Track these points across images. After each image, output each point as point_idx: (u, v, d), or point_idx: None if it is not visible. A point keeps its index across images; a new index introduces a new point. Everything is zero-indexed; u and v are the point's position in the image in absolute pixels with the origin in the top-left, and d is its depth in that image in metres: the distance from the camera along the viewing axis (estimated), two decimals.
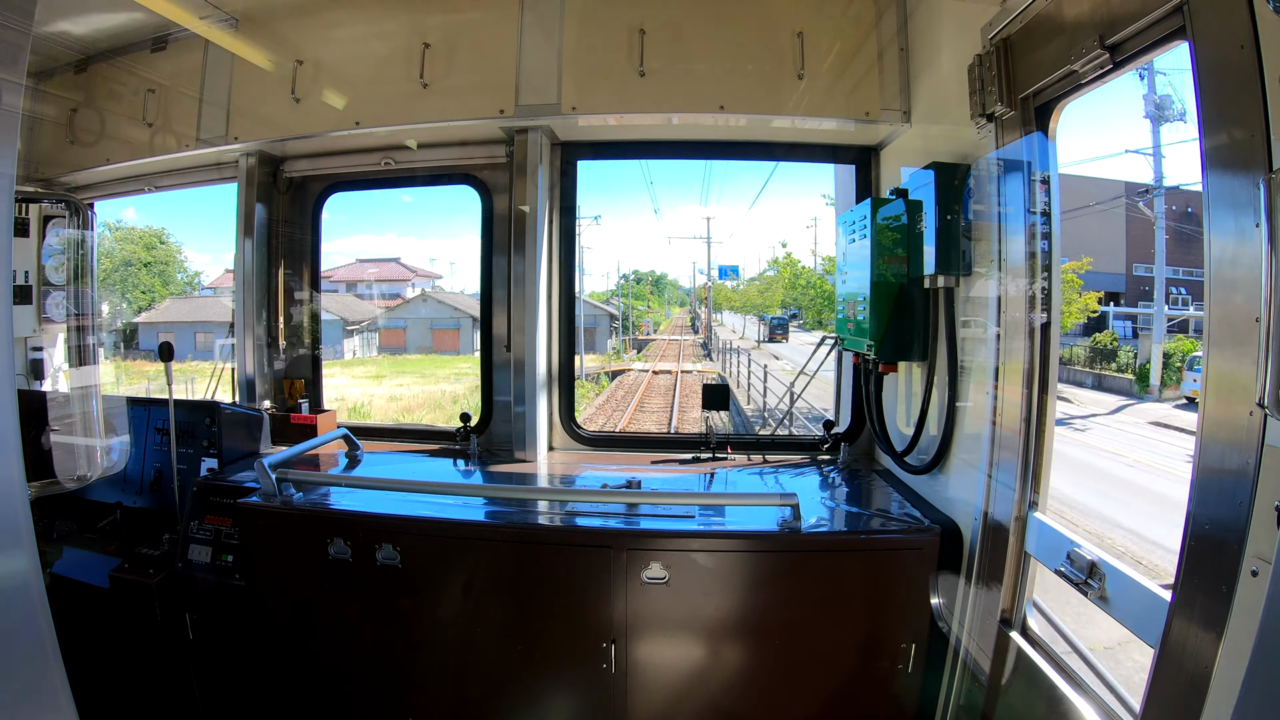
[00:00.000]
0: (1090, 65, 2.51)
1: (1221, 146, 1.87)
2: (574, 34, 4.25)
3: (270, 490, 3.65)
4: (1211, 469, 1.90)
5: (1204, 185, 1.92)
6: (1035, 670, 2.80)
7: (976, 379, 3.31)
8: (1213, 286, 1.91)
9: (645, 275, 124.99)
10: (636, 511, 3.52)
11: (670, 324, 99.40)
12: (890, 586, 3.37)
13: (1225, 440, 1.86)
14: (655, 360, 49.37)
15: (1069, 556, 2.63)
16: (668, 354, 55.09)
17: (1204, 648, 1.89)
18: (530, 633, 3.49)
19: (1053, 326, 2.90)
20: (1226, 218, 1.85)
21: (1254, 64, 1.75)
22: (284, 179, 5.12)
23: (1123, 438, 15.38)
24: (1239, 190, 1.80)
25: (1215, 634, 1.84)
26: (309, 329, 5.33)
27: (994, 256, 3.10)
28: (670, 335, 74.99)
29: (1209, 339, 1.93)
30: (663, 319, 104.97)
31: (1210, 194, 1.90)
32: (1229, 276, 1.85)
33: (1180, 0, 2.03)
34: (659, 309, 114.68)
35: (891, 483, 4.08)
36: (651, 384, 35.14)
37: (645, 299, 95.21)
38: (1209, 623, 1.88)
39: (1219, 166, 1.88)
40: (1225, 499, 1.84)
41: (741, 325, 70.95)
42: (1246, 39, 1.77)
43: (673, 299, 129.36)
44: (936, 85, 3.74)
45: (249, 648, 3.84)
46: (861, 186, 4.72)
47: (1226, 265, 1.86)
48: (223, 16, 4.52)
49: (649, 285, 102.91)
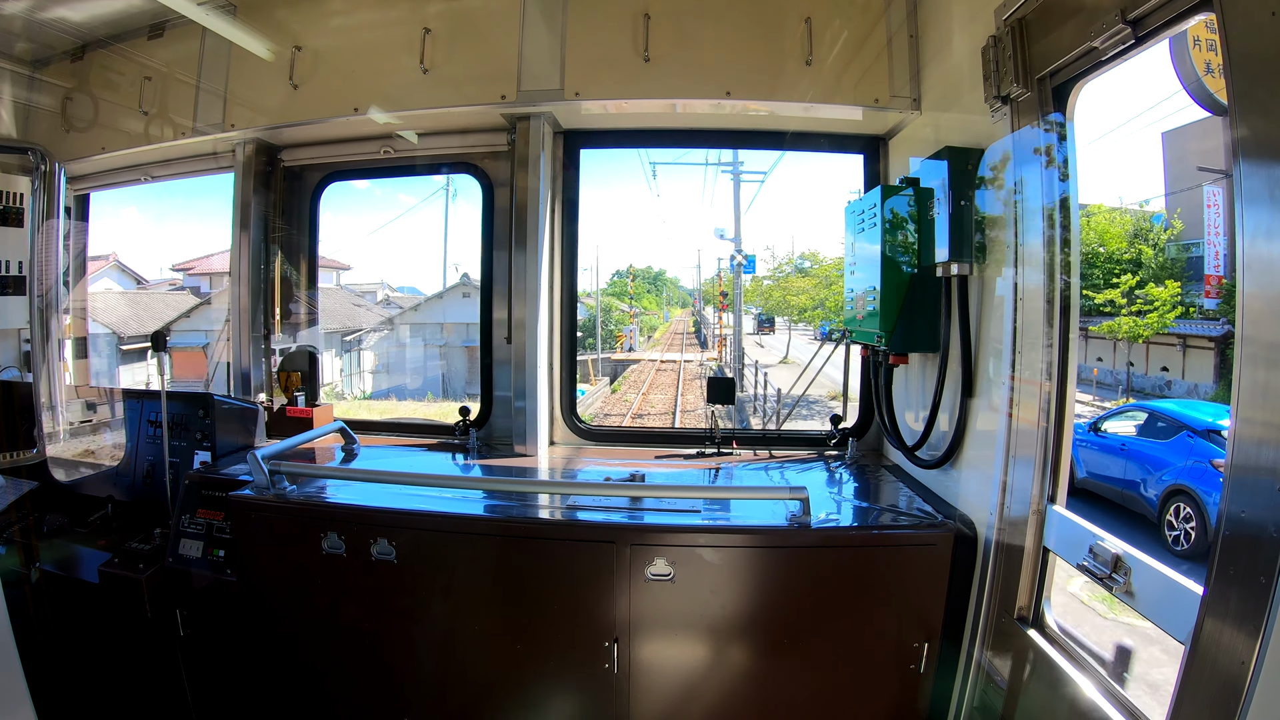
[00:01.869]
0: (1112, 41, 2.41)
1: (1257, 128, 1.78)
2: (577, 19, 4.20)
3: (263, 483, 3.58)
4: (1247, 462, 1.81)
5: (1236, 173, 1.83)
6: (1056, 670, 2.70)
7: (992, 370, 3.22)
8: (1245, 279, 1.83)
9: (641, 272, 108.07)
10: (640, 506, 3.44)
11: (668, 330, 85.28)
12: (903, 584, 3.27)
13: (1259, 434, 1.78)
14: (632, 397, 32.78)
15: (1091, 550, 2.54)
16: (658, 386, 36.71)
17: (1240, 644, 1.80)
18: (530, 631, 3.40)
19: (1072, 314, 2.82)
20: (1262, 209, 1.76)
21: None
22: (281, 168, 5.07)
23: None
24: (1276, 167, 1.71)
25: (1253, 628, 1.75)
26: (306, 321, 5.26)
27: (1010, 243, 3.01)
28: (663, 354, 52.88)
29: (1242, 329, 1.85)
30: (659, 321, 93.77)
31: (1244, 182, 1.81)
32: (1266, 268, 1.77)
33: None
34: (655, 309, 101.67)
35: (901, 478, 4.00)
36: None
37: (629, 296, 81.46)
38: (1245, 617, 1.79)
39: (1254, 151, 1.79)
40: (1261, 489, 1.75)
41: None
42: (1278, 4, 1.67)
43: (673, 298, 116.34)
44: (948, 71, 3.66)
45: (241, 644, 3.76)
46: (869, 177, 4.65)
47: (1262, 257, 1.77)
48: (221, 3, 4.46)
49: (630, 279, 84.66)
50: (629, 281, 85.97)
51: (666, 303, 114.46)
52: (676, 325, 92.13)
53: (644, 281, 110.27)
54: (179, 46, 4.80)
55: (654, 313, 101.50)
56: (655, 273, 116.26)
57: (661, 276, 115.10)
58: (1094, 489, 10.33)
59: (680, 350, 55.08)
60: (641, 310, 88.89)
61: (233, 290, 4.98)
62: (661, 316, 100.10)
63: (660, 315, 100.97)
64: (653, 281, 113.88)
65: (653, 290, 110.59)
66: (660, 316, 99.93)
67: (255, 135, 4.82)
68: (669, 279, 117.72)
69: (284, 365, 5.01)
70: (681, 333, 77.03)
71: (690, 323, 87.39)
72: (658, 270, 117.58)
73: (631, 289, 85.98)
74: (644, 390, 35.08)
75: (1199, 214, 19.28)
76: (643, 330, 79.54)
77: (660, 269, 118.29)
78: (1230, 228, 5.96)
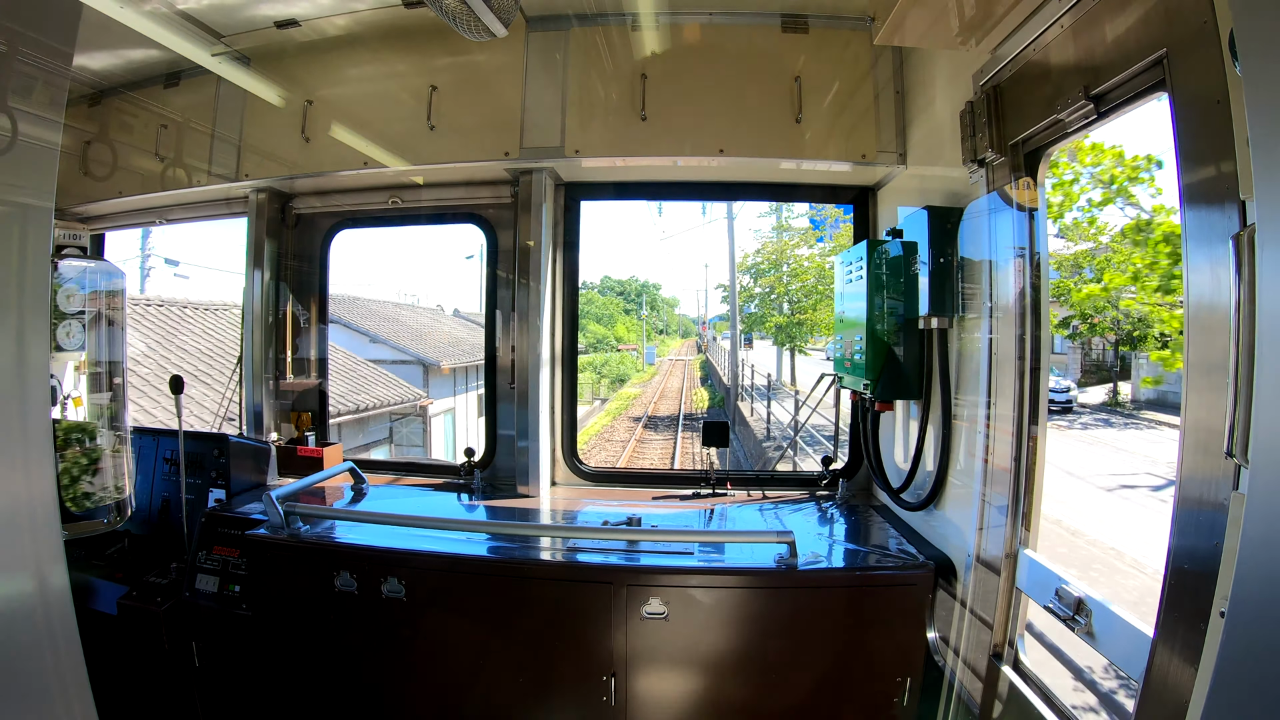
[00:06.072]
0: (1076, 115, 2.59)
1: (1198, 197, 1.94)
2: (577, 78, 4.37)
3: (279, 523, 3.74)
4: (1190, 509, 1.95)
5: (1184, 234, 1.98)
6: (1026, 704, 2.84)
7: (969, 418, 3.38)
8: (1191, 332, 1.98)
9: (618, 285, 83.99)
10: (637, 548, 3.59)
11: (656, 376, 58.36)
12: (885, 621, 3.42)
13: (1202, 482, 1.91)
14: None
15: (1057, 593, 2.70)
16: None
17: (1183, 681, 1.94)
18: (533, 666, 3.54)
19: (1042, 368, 2.96)
20: (1203, 266, 1.91)
21: (1228, 120, 1.82)
22: (293, 215, 5.24)
23: None
24: (1215, 241, 1.86)
25: (1193, 668, 1.90)
26: (315, 363, 5.42)
27: (984, 298, 3.17)
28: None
29: (1188, 381, 1.99)
30: (631, 361, 64.13)
31: (1189, 243, 1.96)
32: (1206, 324, 1.91)
33: (1160, 55, 2.10)
34: (625, 338, 72.24)
35: (888, 518, 4.14)
36: None
37: (604, 313, 59.52)
38: (1187, 658, 1.93)
39: (1196, 213, 1.94)
40: (1202, 539, 1.89)
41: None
42: (1223, 95, 1.84)
43: (670, 325, 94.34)
44: (931, 130, 3.84)
45: (254, 677, 3.89)
46: (859, 224, 4.82)
47: (1204, 312, 1.92)
48: (235, 55, 4.65)
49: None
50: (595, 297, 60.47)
51: (662, 328, 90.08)
52: (671, 366, 66.04)
53: (617, 296, 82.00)
54: (194, 95, 4.97)
55: (628, 345, 70.52)
56: (641, 285, 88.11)
57: (653, 293, 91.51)
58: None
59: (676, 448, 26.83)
60: (608, 344, 62.92)
61: (245, 330, 5.12)
62: (643, 352, 68.10)
63: (640, 348, 69.22)
64: (635, 297, 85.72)
65: (634, 310, 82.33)
66: (640, 352, 67.96)
67: (269, 184, 4.98)
68: (666, 299, 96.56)
69: (294, 405, 5.17)
70: (682, 386, 49.58)
71: (696, 362, 63.93)
72: (645, 282, 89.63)
73: (604, 305, 60.61)
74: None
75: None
76: (605, 381, 52.83)
77: (656, 283, 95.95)
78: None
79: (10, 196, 1.64)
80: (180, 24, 4.32)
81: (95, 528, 3.80)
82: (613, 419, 36.55)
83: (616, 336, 68.53)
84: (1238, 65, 1.74)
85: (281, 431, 5.21)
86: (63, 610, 1.71)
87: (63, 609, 1.71)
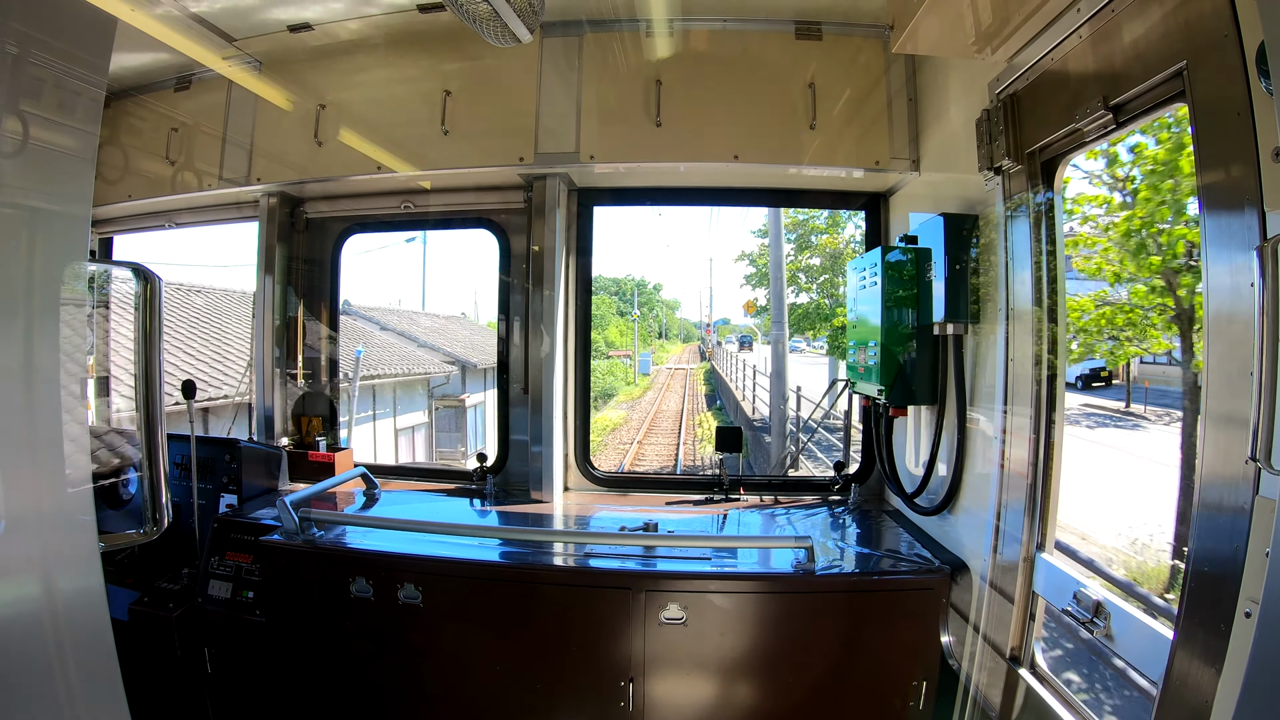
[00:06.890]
0: (1094, 124, 2.59)
1: (1217, 204, 1.96)
2: (592, 84, 4.37)
3: (293, 528, 3.73)
4: (1211, 512, 1.96)
5: (1204, 242, 2.01)
6: (1044, 708, 2.85)
7: (985, 423, 3.40)
8: (1210, 339, 2.00)
9: (611, 284, 74.17)
10: (654, 553, 3.60)
11: (649, 391, 48.82)
12: (901, 625, 3.44)
13: (1223, 485, 1.93)
14: None
15: (1075, 596, 2.71)
16: None
17: (1205, 684, 1.95)
18: (550, 671, 3.54)
19: (1059, 373, 2.98)
20: (1224, 275, 1.93)
21: (1249, 132, 1.83)
22: (303, 219, 5.23)
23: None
24: (1235, 249, 1.88)
25: (1215, 671, 1.91)
26: (326, 367, 5.41)
27: (1001, 305, 3.18)
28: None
29: (1208, 387, 2.01)
30: (624, 372, 55.37)
31: (1209, 252, 1.98)
32: (1226, 332, 1.93)
33: (1180, 66, 2.12)
34: (616, 343, 64.31)
35: (901, 523, 4.16)
36: None
37: (595, 314, 40.55)
38: (1209, 660, 1.94)
39: (1216, 220, 1.97)
40: (1223, 541, 1.91)
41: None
42: (1244, 107, 1.86)
43: (670, 327, 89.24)
44: (945, 137, 3.87)
45: (268, 683, 3.88)
46: (871, 230, 4.84)
47: (1224, 321, 1.94)
48: (246, 59, 4.65)
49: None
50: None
51: (662, 332, 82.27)
52: (669, 377, 56.84)
53: (611, 296, 74.00)
54: (205, 98, 4.95)
55: (620, 351, 63.05)
56: (636, 283, 78.15)
57: (652, 294, 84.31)
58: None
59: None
60: (598, 350, 53.64)
61: (256, 335, 5.11)
62: (637, 360, 60.54)
63: (633, 356, 61.23)
64: (629, 297, 75.63)
65: (629, 312, 74.15)
66: (634, 359, 60.72)
67: (279, 189, 4.97)
68: (668, 301, 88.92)
69: (304, 409, 5.17)
70: (682, 409, 38.47)
71: (699, 372, 55.59)
72: (641, 280, 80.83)
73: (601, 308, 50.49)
74: None
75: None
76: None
77: (658, 284, 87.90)
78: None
79: (48, 204, 1.66)
80: (192, 27, 4.31)
81: (132, 540, 3.80)
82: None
83: (607, 341, 64.55)
84: (1264, 82, 1.75)
85: (294, 429, 5.21)
86: (98, 618, 1.72)
87: (98, 618, 1.72)
